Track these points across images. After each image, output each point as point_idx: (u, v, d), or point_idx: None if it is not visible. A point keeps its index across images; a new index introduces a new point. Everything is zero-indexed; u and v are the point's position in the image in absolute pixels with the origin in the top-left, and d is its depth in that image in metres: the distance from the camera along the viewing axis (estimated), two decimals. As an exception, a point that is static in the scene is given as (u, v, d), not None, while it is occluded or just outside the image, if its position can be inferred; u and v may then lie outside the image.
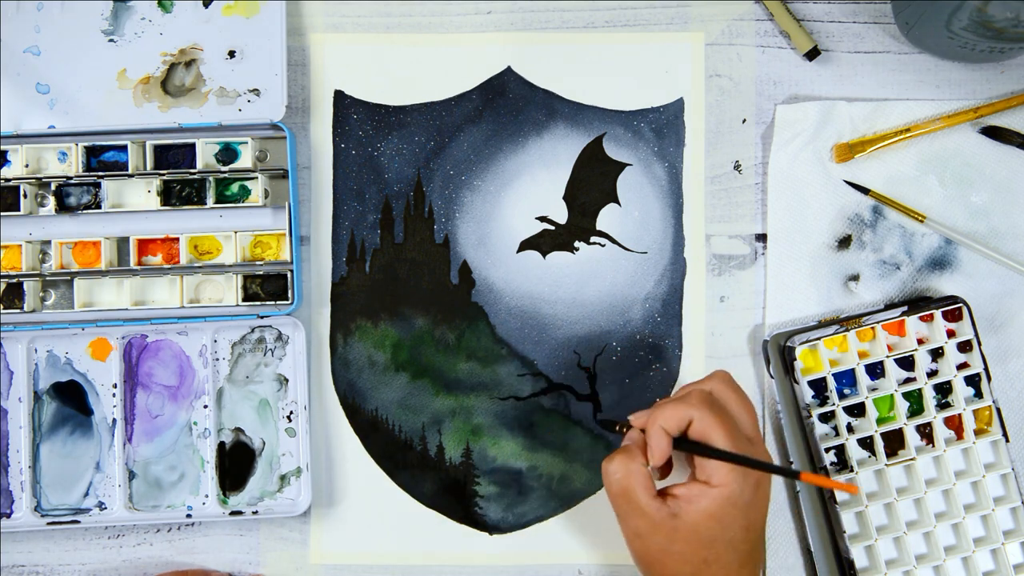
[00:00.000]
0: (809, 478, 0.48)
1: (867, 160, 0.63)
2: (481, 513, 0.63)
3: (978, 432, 0.61)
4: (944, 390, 0.61)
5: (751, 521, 0.51)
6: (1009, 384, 0.62)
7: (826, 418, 0.61)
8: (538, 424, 0.63)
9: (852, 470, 0.60)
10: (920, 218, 0.62)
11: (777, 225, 0.63)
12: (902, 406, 0.60)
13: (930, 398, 0.61)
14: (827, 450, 0.60)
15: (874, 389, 0.61)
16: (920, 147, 0.63)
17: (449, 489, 0.63)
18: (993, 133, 0.62)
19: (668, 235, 0.63)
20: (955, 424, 0.61)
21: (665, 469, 0.55)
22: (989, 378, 0.61)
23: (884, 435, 0.60)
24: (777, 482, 0.62)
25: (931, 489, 0.60)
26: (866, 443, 0.60)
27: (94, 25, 0.63)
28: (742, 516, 0.50)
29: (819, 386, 0.61)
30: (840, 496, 0.60)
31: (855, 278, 0.62)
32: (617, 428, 0.55)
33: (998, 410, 0.61)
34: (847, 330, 0.60)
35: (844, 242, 0.63)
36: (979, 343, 0.61)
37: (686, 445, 0.51)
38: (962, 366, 0.61)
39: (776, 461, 0.62)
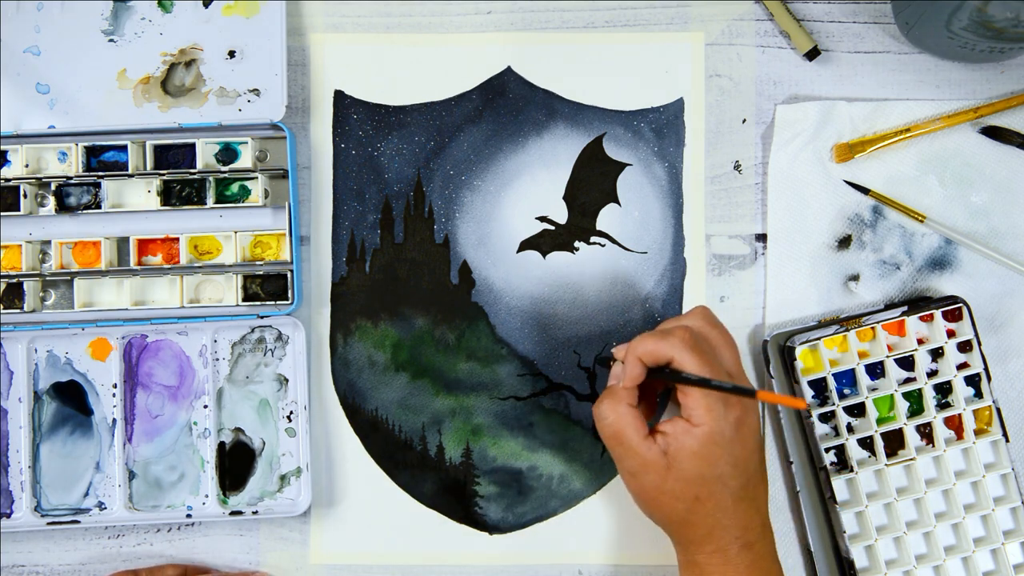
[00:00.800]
0: (764, 396, 0.49)
1: (867, 160, 0.63)
2: (481, 513, 0.63)
3: (978, 432, 0.61)
4: (944, 390, 0.61)
5: (737, 457, 0.52)
6: (1009, 384, 0.62)
7: (826, 418, 0.60)
8: (538, 424, 0.63)
9: (852, 470, 0.60)
10: (920, 218, 0.62)
11: (777, 225, 0.63)
12: (902, 406, 0.60)
13: (930, 398, 0.61)
14: (827, 450, 0.60)
15: (874, 389, 0.61)
16: (920, 147, 0.63)
17: (449, 489, 0.63)
18: (993, 133, 0.62)
19: (668, 235, 0.63)
20: (955, 424, 0.61)
21: (649, 409, 0.56)
22: (989, 378, 0.61)
23: (884, 435, 0.60)
24: (778, 482, 0.62)
25: (931, 489, 0.60)
26: (866, 443, 0.60)
27: (94, 25, 0.63)
28: (726, 453, 0.51)
29: (819, 386, 0.61)
30: (840, 496, 0.60)
31: (855, 278, 0.62)
32: (611, 363, 0.56)
33: (998, 410, 0.61)
34: (847, 330, 0.60)
35: (844, 242, 0.63)
36: (979, 343, 0.61)
37: (660, 373, 0.53)
38: (962, 366, 0.61)
39: (777, 461, 0.62)
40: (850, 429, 0.61)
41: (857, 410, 0.61)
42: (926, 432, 0.61)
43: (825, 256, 0.63)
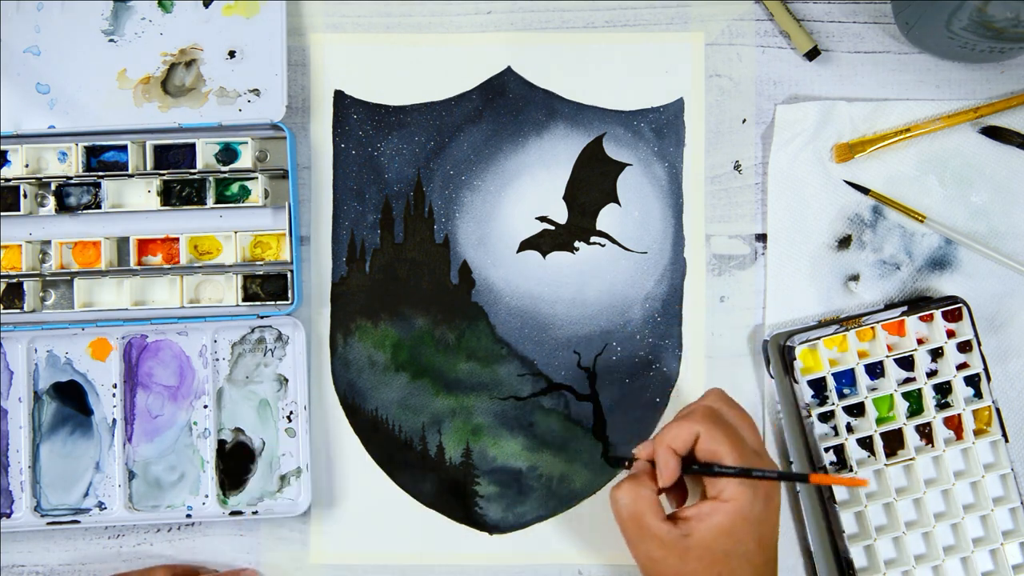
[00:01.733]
0: (818, 479, 0.49)
1: (867, 160, 0.63)
2: (481, 513, 0.63)
3: (977, 432, 0.61)
4: (944, 390, 0.61)
5: (763, 535, 0.51)
6: (1009, 384, 0.62)
7: (825, 418, 0.60)
8: (538, 424, 0.63)
9: (851, 470, 0.60)
10: (920, 218, 0.62)
11: (777, 225, 0.63)
12: (901, 406, 0.60)
13: (930, 398, 0.61)
14: (826, 450, 0.60)
15: (874, 389, 0.61)
16: (920, 147, 0.63)
17: (449, 489, 0.63)
18: (993, 133, 0.62)
19: (668, 235, 0.63)
20: (954, 424, 0.61)
21: (680, 497, 0.55)
22: (989, 378, 0.61)
23: (883, 435, 0.60)
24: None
25: (930, 489, 0.60)
26: (865, 443, 0.60)
27: (94, 25, 0.63)
28: (754, 530, 0.50)
29: (819, 386, 0.61)
30: (839, 496, 0.60)
31: (855, 278, 0.62)
32: (626, 464, 0.55)
33: (997, 410, 0.61)
34: (847, 330, 0.60)
35: (844, 242, 0.63)
36: (979, 343, 0.61)
37: (696, 467, 0.51)
38: (962, 366, 0.61)
39: (777, 461, 0.62)
40: (849, 429, 0.61)
41: (856, 410, 0.61)
42: (925, 432, 0.61)
43: (825, 256, 0.63)
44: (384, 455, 0.63)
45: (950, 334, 0.61)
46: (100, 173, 0.62)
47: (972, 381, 0.61)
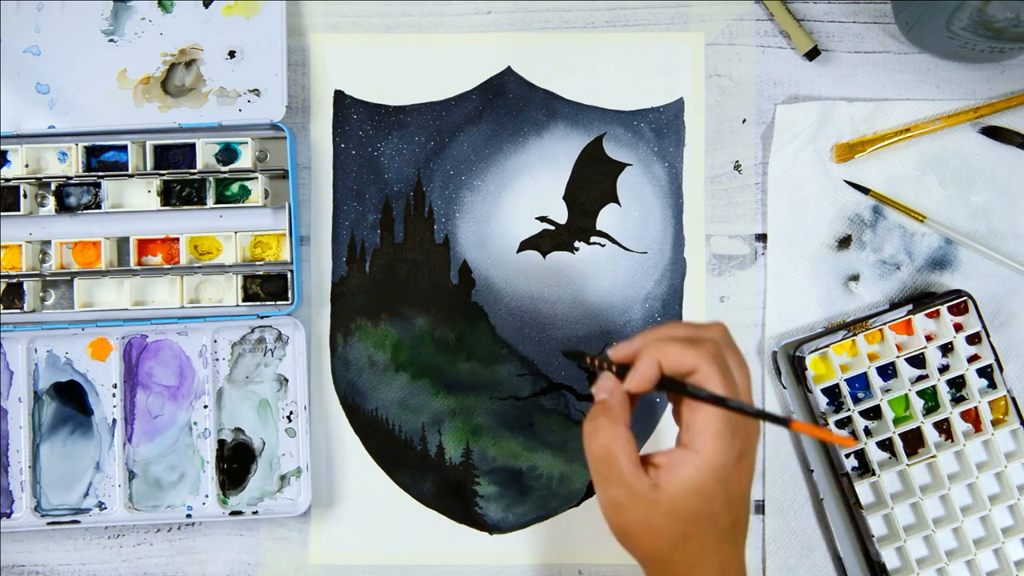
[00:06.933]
0: (799, 427, 0.46)
1: (867, 160, 0.62)
2: (481, 513, 0.63)
3: (995, 423, 0.61)
4: (958, 384, 0.61)
5: (731, 494, 0.47)
6: (1011, 384, 0.62)
7: (843, 424, 0.60)
8: (538, 424, 0.63)
9: (874, 473, 0.60)
10: (920, 218, 0.62)
11: (777, 225, 0.63)
12: (917, 404, 0.60)
13: (944, 393, 0.61)
14: (847, 455, 0.60)
15: (888, 390, 0.61)
16: (920, 147, 0.63)
17: (449, 489, 0.63)
18: (993, 133, 0.62)
19: (668, 235, 0.63)
20: (972, 417, 0.61)
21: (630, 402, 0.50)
22: (1001, 368, 0.60)
23: (902, 435, 0.60)
24: (803, 490, 0.62)
25: (955, 484, 0.60)
26: (885, 445, 0.60)
27: (94, 25, 0.63)
28: (723, 489, 0.47)
29: (833, 393, 0.60)
30: (865, 499, 0.60)
31: (855, 278, 0.62)
32: (589, 361, 0.49)
33: (1013, 399, 0.61)
34: (855, 334, 0.60)
35: (844, 242, 0.63)
36: (987, 334, 0.60)
37: (675, 386, 0.47)
38: (973, 358, 0.61)
39: (797, 469, 0.62)
40: (868, 432, 0.61)
41: (873, 413, 0.61)
42: (944, 428, 0.61)
43: (825, 256, 0.63)
44: (384, 455, 0.63)
45: (958, 328, 0.61)
46: (100, 173, 0.62)
47: (985, 372, 0.61)
